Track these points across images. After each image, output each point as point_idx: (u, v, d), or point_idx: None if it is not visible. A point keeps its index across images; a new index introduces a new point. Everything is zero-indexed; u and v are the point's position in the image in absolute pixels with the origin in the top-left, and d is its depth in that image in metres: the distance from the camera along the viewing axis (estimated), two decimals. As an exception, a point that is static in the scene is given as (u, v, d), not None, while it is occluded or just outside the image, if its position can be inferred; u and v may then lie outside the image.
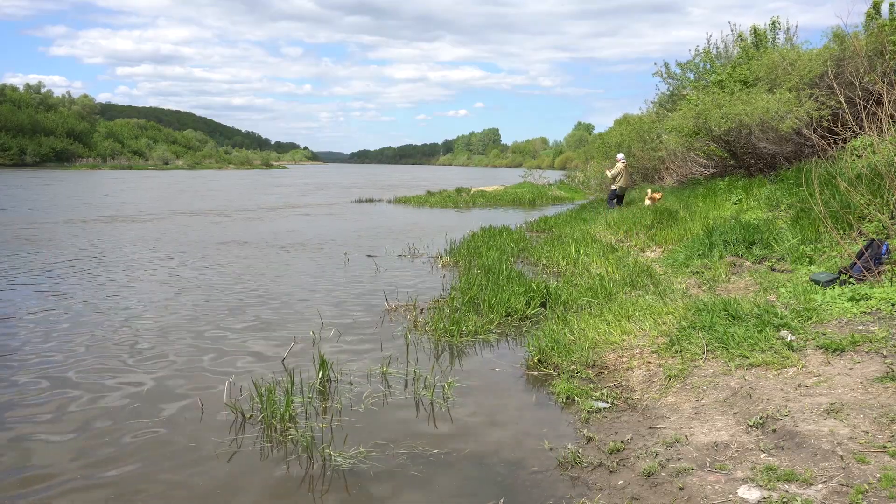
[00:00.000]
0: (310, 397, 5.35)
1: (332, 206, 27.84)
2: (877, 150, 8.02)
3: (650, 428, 4.51)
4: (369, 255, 13.11)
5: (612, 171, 19.02)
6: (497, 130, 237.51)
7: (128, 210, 23.45)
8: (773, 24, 18.95)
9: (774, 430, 4.01)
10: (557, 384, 5.49)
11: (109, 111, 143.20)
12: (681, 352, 5.60)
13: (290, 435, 4.67)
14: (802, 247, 8.38)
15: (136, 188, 39.73)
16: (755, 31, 19.03)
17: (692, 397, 4.85)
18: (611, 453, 4.20)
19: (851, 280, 6.48)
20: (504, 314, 7.76)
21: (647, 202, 16.64)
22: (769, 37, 18.85)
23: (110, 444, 4.57)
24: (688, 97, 18.51)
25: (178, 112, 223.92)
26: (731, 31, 20.72)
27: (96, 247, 13.87)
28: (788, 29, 18.97)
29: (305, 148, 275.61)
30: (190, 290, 9.64)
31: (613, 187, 19.01)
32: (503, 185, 41.67)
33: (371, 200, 30.43)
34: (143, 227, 18.17)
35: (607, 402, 5.08)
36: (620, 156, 19.56)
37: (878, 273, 6.41)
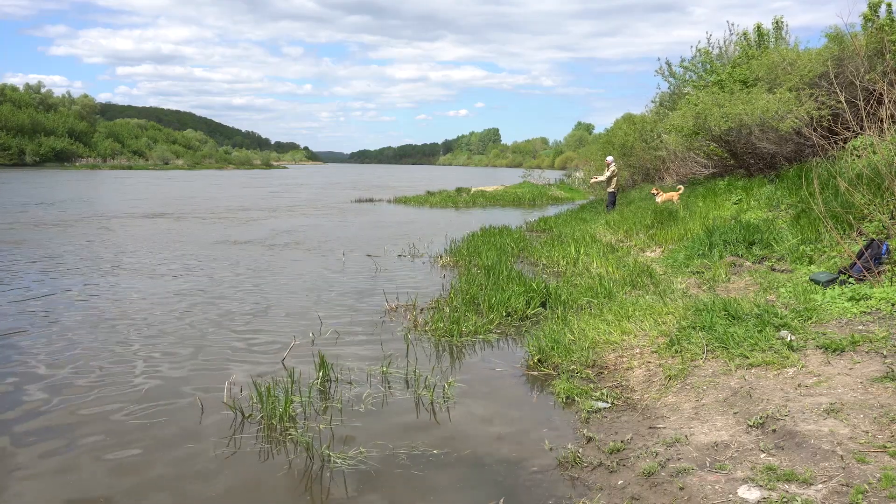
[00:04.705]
0: (309, 397, 5.35)
1: (331, 206, 27.82)
2: (877, 150, 8.02)
3: (650, 428, 4.51)
4: (369, 255, 13.11)
5: (608, 173, 18.91)
6: (497, 130, 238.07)
7: (114, 211, 23.46)
8: (777, 23, 18.95)
9: (774, 430, 4.01)
10: (557, 384, 5.49)
11: (109, 111, 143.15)
12: (681, 352, 5.59)
13: (289, 435, 4.67)
14: (802, 247, 8.38)
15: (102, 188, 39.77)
16: (759, 30, 19.01)
17: (692, 397, 4.85)
18: (611, 453, 4.20)
19: (851, 280, 6.48)
20: (504, 314, 7.76)
21: (676, 198, 16.11)
22: (773, 35, 18.83)
23: (109, 444, 4.57)
24: (688, 97, 18.48)
25: (178, 112, 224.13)
26: (731, 30, 20.71)
27: (88, 248, 13.87)
28: (782, 28, 18.98)
29: (305, 148, 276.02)
30: (188, 289, 9.64)
31: (611, 190, 18.97)
32: (503, 185, 41.66)
33: (371, 200, 30.46)
34: (139, 228, 18.17)
35: (607, 402, 5.08)
36: (610, 158, 19.55)
37: (878, 273, 6.41)
